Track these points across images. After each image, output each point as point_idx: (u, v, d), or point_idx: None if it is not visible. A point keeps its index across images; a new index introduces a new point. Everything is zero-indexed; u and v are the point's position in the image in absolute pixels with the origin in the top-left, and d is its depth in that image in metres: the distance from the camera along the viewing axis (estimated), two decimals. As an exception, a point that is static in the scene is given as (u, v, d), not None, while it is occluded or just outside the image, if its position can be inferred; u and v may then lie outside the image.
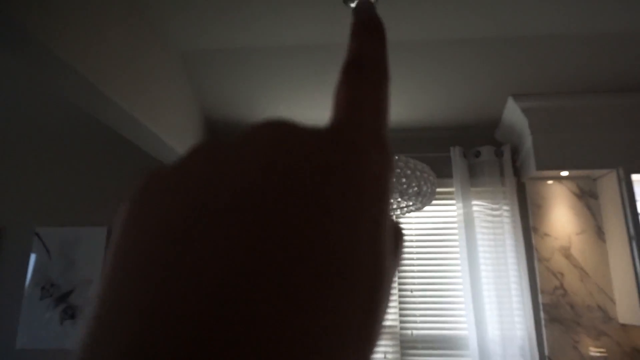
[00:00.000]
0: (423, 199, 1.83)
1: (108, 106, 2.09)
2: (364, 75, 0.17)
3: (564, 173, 2.97)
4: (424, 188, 1.78)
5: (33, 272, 3.31)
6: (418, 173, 1.76)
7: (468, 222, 3.04)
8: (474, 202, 3.12)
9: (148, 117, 2.36)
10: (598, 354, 2.71)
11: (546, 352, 2.87)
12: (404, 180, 1.70)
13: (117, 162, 3.53)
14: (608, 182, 2.94)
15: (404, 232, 0.17)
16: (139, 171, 3.47)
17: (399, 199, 2.06)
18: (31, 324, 3.21)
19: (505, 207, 3.08)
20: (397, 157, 1.76)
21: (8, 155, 3.61)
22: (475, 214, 3.10)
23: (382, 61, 0.18)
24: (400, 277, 3.15)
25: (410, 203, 2.08)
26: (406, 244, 3.21)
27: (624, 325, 2.84)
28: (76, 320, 3.19)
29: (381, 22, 0.20)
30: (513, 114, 3.00)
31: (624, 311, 2.78)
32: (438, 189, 3.25)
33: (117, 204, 3.42)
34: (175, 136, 2.70)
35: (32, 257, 3.34)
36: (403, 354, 3.02)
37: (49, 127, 3.52)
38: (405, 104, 3.04)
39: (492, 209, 3.08)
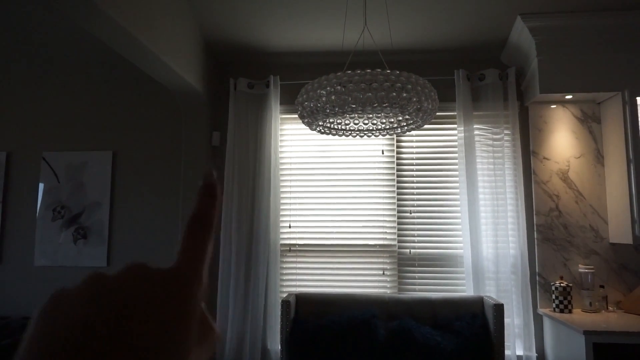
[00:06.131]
0: (424, 115, 1.83)
1: (107, 24, 2.05)
2: (198, 230, 0.28)
3: (568, 96, 2.94)
4: (425, 104, 1.78)
5: (43, 195, 3.42)
6: (419, 88, 1.75)
7: (469, 145, 3.07)
8: (476, 126, 3.13)
9: (148, 38, 2.31)
10: (586, 270, 2.84)
11: (537, 269, 3.01)
12: (404, 95, 1.70)
13: (122, 87, 3.50)
14: (612, 105, 2.92)
15: (215, 330, 0.27)
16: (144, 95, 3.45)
17: (400, 116, 2.07)
18: (46, 244, 3.37)
19: (507, 132, 3.09)
20: (398, 72, 1.75)
21: (13, 82, 3.58)
22: (476, 138, 3.11)
23: (211, 217, 0.29)
24: (399, 199, 3.24)
25: (411, 120, 2.09)
26: (405, 165, 3.24)
27: (613, 245, 2.96)
28: (88, 240, 3.34)
29: (215, 187, 0.30)
30: (520, 34, 2.91)
31: (615, 231, 2.88)
32: (440, 113, 3.25)
33: (122, 129, 3.45)
34: (175, 58, 2.66)
35: (41, 181, 3.43)
36: (400, 271, 3.18)
37: (54, 52, 3.46)
38: (409, 25, 2.95)
39: (494, 133, 3.09)
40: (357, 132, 2.27)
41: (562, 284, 2.81)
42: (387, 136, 3.24)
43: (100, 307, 0.23)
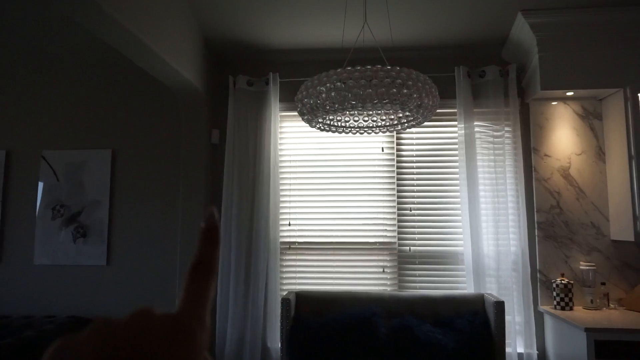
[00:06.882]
0: (424, 111, 1.82)
1: (106, 22, 2.04)
2: (200, 276, 0.29)
3: (569, 93, 2.93)
4: (425, 100, 1.77)
5: (43, 194, 3.41)
6: (420, 85, 1.74)
7: (469, 142, 3.06)
8: (476, 123, 3.11)
9: (147, 35, 2.30)
10: (587, 267, 2.83)
11: (538, 266, 3.00)
12: (405, 91, 1.69)
13: (121, 85, 3.49)
14: (614, 102, 2.90)
15: None
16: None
17: (400, 113, 2.05)
18: (46, 243, 3.36)
19: (507, 128, 3.07)
20: (398, 69, 1.73)
21: (13, 80, 3.57)
22: (477, 135, 3.10)
23: (213, 263, 0.30)
24: (399, 196, 3.23)
25: (411, 117, 2.07)
26: (405, 163, 3.24)
27: (615, 242, 2.94)
28: (87, 239, 3.33)
29: (217, 232, 0.31)
30: (521, 30, 2.90)
31: (617, 228, 2.87)
32: (441, 110, 3.23)
33: (121, 127, 3.44)
34: (175, 55, 2.65)
35: (41, 180, 3.42)
36: (401, 268, 3.17)
37: (53, 50, 3.44)
38: (410, 21, 2.93)
39: (494, 130, 3.08)
40: (357, 129, 2.26)
41: (563, 281, 2.80)
42: (387, 133, 3.23)
43: (106, 354, 0.23)
